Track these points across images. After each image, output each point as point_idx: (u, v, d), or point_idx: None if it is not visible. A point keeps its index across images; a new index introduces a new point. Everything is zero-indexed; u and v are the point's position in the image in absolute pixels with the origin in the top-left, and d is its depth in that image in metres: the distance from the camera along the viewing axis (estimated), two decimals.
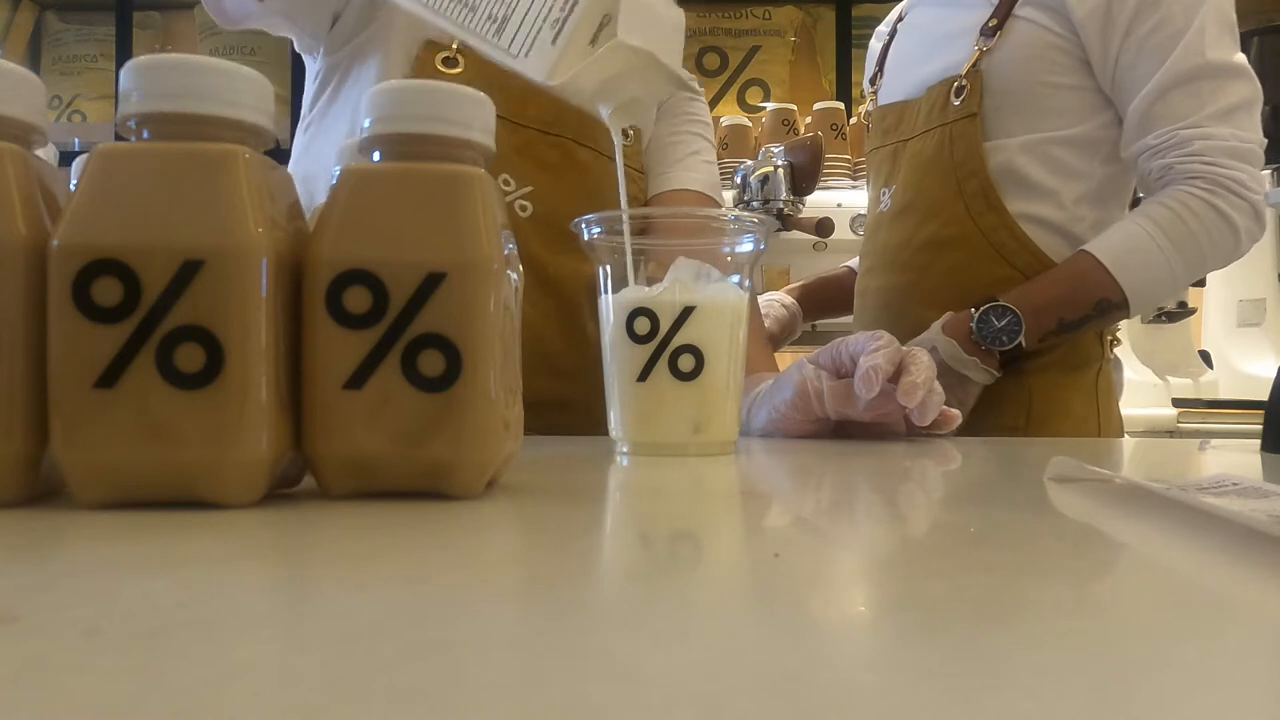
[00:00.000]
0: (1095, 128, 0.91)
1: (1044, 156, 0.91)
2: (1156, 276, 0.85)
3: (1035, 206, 0.91)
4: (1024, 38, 0.91)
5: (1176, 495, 0.31)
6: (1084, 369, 0.92)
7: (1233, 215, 0.84)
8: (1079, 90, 0.90)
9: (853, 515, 0.35)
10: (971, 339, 0.84)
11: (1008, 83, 0.92)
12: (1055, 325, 0.85)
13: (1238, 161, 0.84)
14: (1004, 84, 0.92)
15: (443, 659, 0.16)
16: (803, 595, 0.21)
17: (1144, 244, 0.85)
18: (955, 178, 0.93)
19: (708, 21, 2.62)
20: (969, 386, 0.85)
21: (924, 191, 0.95)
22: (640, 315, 0.51)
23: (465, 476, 0.32)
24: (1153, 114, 0.86)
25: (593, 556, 0.27)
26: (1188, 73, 0.85)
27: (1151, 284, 0.86)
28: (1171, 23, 0.86)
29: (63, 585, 0.21)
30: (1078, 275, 0.86)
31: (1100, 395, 0.93)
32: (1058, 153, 0.91)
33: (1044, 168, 0.91)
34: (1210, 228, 0.84)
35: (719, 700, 0.14)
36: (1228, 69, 0.86)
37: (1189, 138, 0.85)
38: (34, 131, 0.32)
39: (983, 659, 0.16)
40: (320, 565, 0.24)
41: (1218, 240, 0.85)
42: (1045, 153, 0.91)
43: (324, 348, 0.31)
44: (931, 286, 0.93)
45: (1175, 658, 0.17)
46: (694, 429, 0.51)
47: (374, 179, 0.33)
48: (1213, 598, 0.23)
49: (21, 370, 0.29)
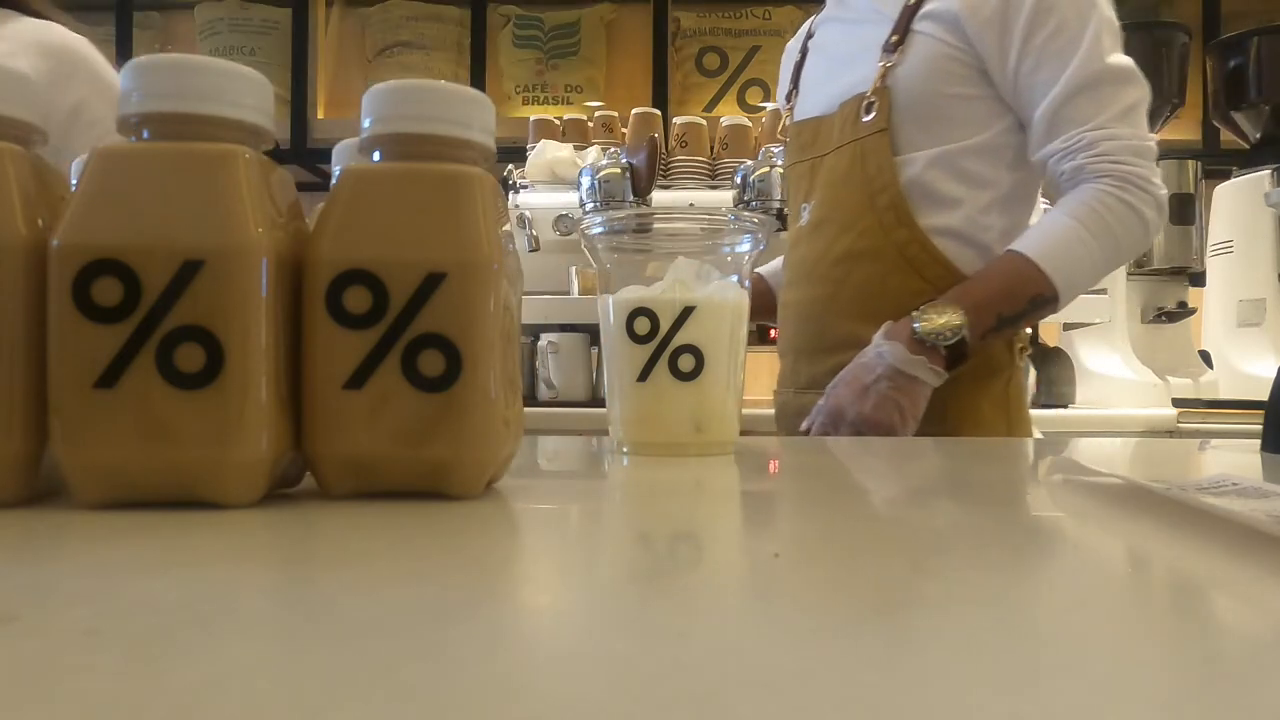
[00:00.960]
0: (998, 134, 0.94)
1: (952, 168, 0.95)
2: (1082, 269, 0.89)
3: (945, 218, 0.94)
4: (924, 52, 0.95)
5: (1176, 495, 0.31)
6: (993, 377, 0.95)
7: (1141, 209, 0.89)
8: (979, 99, 0.94)
9: (853, 515, 0.35)
10: (915, 339, 0.86)
11: (912, 97, 0.95)
12: (994, 321, 0.88)
13: (1140, 159, 0.89)
14: (909, 98, 0.95)
15: (443, 659, 0.16)
16: (803, 595, 0.21)
17: (1069, 240, 0.88)
18: (868, 192, 0.96)
19: (708, 21, 2.62)
20: (919, 388, 0.87)
21: (839, 206, 0.98)
22: (640, 315, 0.51)
23: (465, 476, 0.32)
24: (1059, 118, 0.90)
25: (593, 556, 0.27)
26: (1090, 77, 0.89)
27: (1078, 277, 0.90)
28: (1068, 29, 0.90)
29: (63, 585, 0.21)
30: (1011, 273, 0.89)
31: (1011, 402, 0.96)
32: (965, 163, 0.94)
33: (953, 179, 0.95)
34: (1124, 221, 0.88)
35: (719, 700, 0.14)
36: (1124, 73, 0.90)
37: (1096, 139, 0.89)
38: (34, 131, 0.32)
39: (983, 659, 0.16)
40: (320, 565, 0.24)
41: (1131, 232, 0.89)
42: (953, 164, 0.95)
43: (324, 348, 0.31)
44: (848, 298, 0.97)
45: (1175, 658, 0.17)
46: (694, 429, 0.51)
47: (374, 179, 0.33)
48: (1213, 598, 0.23)
49: (21, 370, 0.29)
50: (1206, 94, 2.04)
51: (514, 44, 2.69)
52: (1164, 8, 2.55)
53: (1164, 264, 1.70)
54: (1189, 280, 1.77)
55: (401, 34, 2.67)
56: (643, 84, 2.60)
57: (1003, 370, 0.95)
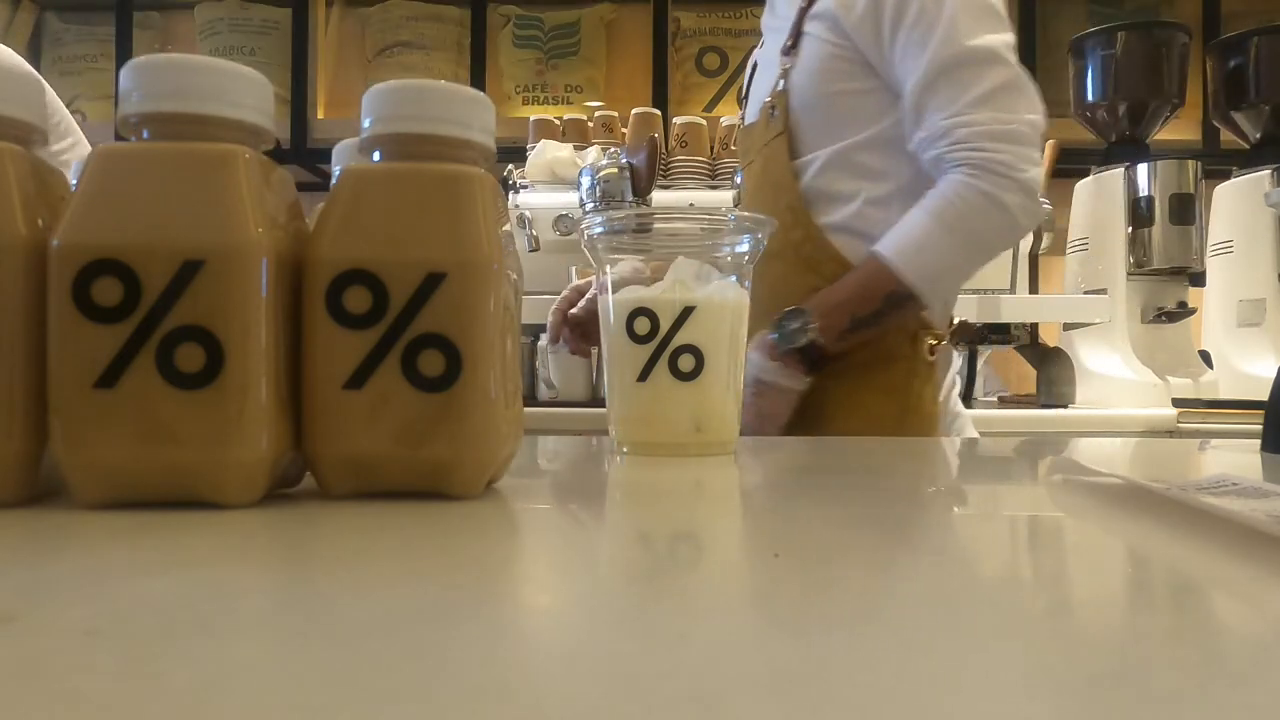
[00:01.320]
0: (891, 125, 0.93)
1: (848, 165, 0.95)
2: (939, 264, 0.88)
3: (840, 214, 0.95)
4: (813, 52, 0.95)
5: (1176, 495, 0.31)
6: (884, 369, 0.94)
7: (1000, 196, 0.86)
8: (870, 93, 0.93)
9: (853, 515, 0.35)
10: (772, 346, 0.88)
11: (806, 99, 0.96)
12: (848, 322, 0.88)
13: (999, 143, 0.86)
14: (803, 100, 0.96)
15: (443, 659, 0.16)
16: (803, 595, 0.21)
17: (920, 234, 0.88)
18: (775, 195, 0.98)
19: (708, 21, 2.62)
20: (778, 394, 0.89)
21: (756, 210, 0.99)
22: (640, 315, 0.51)
23: (465, 476, 0.32)
24: (922, 106, 0.89)
25: (593, 556, 0.27)
26: (946, 61, 0.87)
27: (935, 272, 0.88)
28: (926, 14, 0.88)
29: (63, 585, 0.21)
30: (866, 273, 0.90)
31: (913, 396, 0.95)
32: (861, 158, 0.94)
33: (850, 176, 0.95)
34: (981, 210, 0.86)
35: (719, 700, 0.14)
36: (984, 54, 0.87)
37: (950, 126, 0.87)
38: (34, 131, 0.32)
39: (983, 659, 0.16)
40: (320, 565, 0.24)
41: (992, 222, 0.87)
42: (849, 160, 0.95)
43: (324, 348, 0.31)
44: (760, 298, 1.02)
45: (1175, 658, 0.17)
46: (694, 429, 0.51)
47: (374, 179, 0.33)
48: (1213, 598, 0.23)
49: (21, 370, 0.29)
50: (1206, 94, 2.04)
51: (514, 44, 2.68)
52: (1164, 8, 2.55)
53: (1164, 264, 1.70)
54: (1189, 280, 1.76)
55: (401, 34, 2.67)
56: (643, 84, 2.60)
57: (897, 362, 0.94)
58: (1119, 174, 1.74)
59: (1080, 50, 1.82)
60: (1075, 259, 1.87)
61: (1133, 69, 1.78)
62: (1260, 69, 1.75)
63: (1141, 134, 1.82)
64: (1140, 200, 1.71)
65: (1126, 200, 1.73)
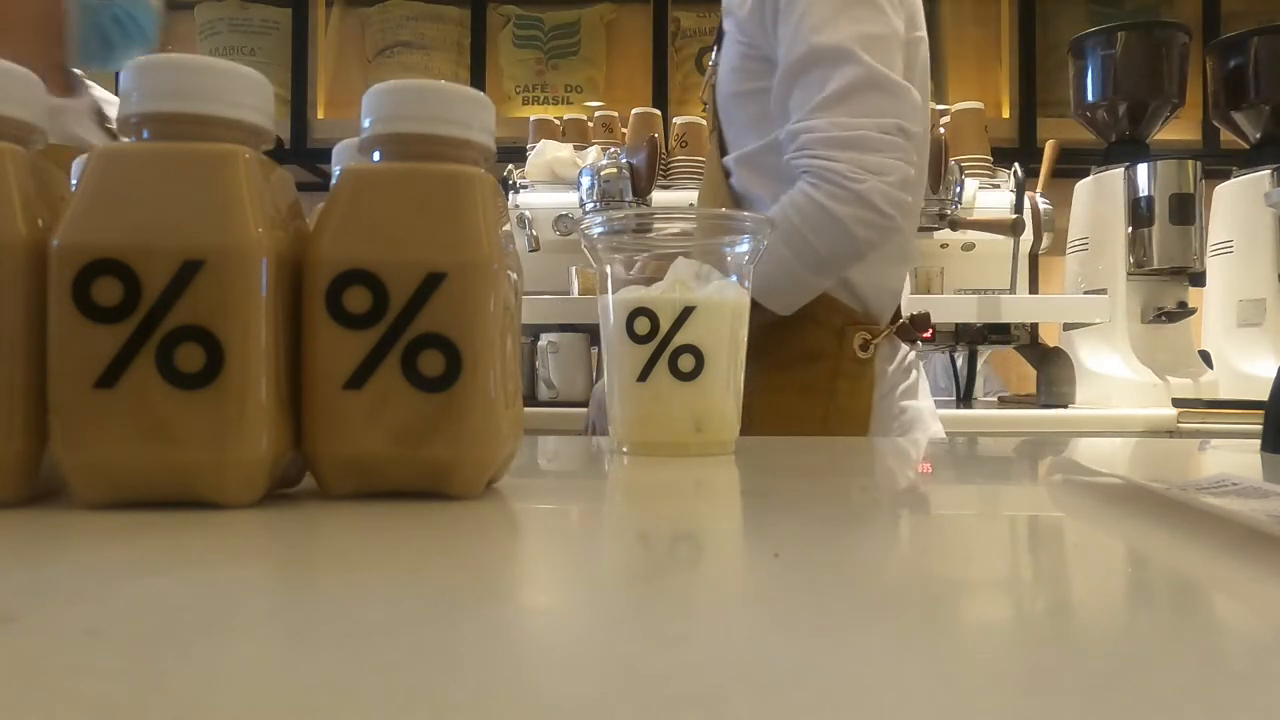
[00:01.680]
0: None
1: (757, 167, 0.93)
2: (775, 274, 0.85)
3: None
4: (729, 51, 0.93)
5: (1176, 495, 0.31)
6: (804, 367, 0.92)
7: (831, 206, 0.81)
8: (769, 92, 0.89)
9: (854, 514, 0.35)
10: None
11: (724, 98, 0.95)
12: None
13: (837, 150, 0.81)
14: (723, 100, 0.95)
15: (443, 659, 0.16)
16: (803, 595, 0.21)
17: None
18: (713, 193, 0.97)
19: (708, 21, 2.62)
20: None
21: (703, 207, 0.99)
22: (640, 315, 0.51)
23: (465, 476, 0.32)
24: (783, 110, 0.86)
25: (593, 556, 0.27)
26: (798, 62, 0.84)
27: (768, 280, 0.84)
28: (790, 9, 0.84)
29: (63, 585, 0.21)
30: None
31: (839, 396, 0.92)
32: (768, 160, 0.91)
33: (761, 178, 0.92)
34: (811, 221, 0.83)
35: (719, 700, 0.14)
36: (832, 53, 0.82)
37: (794, 133, 0.84)
38: (34, 131, 0.32)
39: (983, 659, 0.16)
40: (320, 565, 0.24)
41: (823, 232, 0.83)
42: (757, 163, 0.93)
43: (324, 348, 0.31)
44: None
45: (1175, 658, 0.17)
46: (694, 429, 0.51)
47: (374, 179, 0.33)
48: (1213, 598, 0.23)
49: (21, 370, 0.29)
50: (1206, 94, 2.04)
51: (514, 44, 2.68)
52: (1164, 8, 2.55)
53: (1164, 264, 1.70)
54: (1189, 280, 1.76)
55: (401, 34, 2.67)
56: (643, 84, 2.60)
57: (820, 360, 0.92)
58: (1119, 174, 1.74)
59: (1080, 50, 1.82)
60: (1075, 259, 1.87)
61: (1133, 69, 1.78)
62: (1260, 69, 1.75)
63: (1141, 134, 1.82)
64: (1140, 200, 1.71)
65: (1126, 200, 1.73)
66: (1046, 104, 2.56)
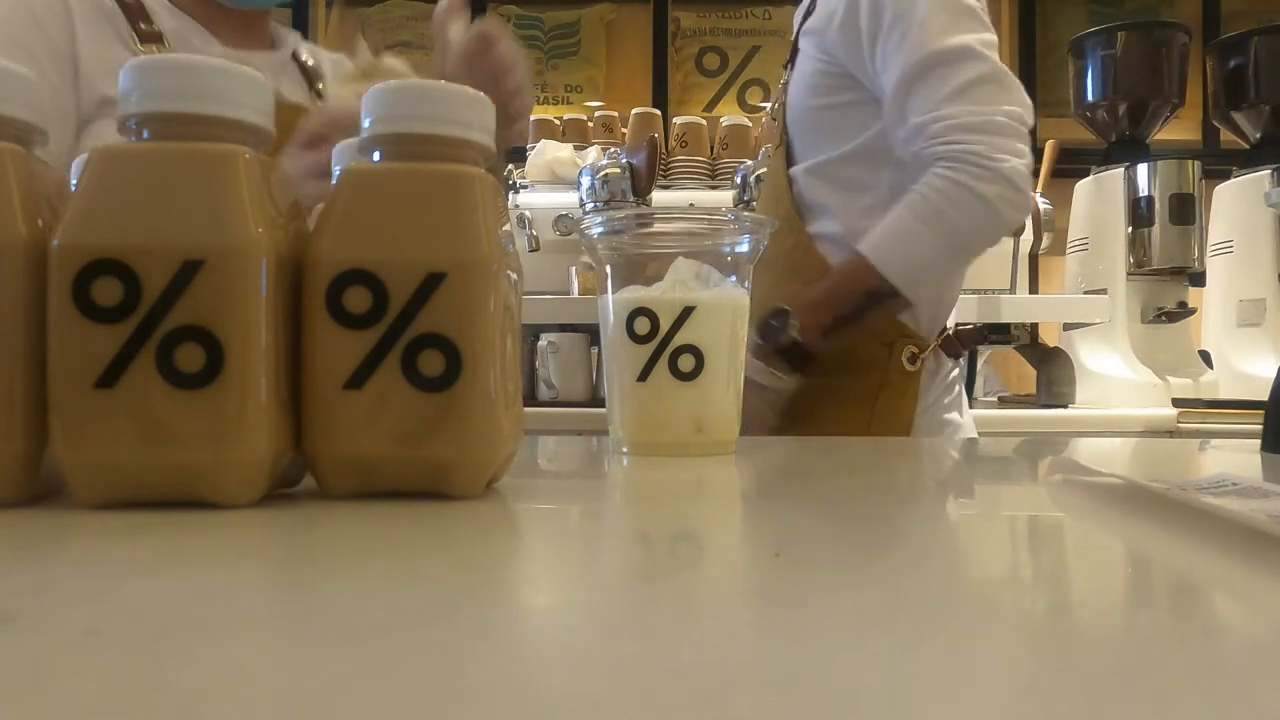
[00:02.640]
0: (873, 137, 0.95)
1: (828, 177, 0.97)
2: (918, 259, 0.88)
3: (828, 224, 0.97)
4: (802, 67, 0.99)
5: (1176, 495, 0.31)
6: (853, 376, 0.95)
7: (977, 186, 0.86)
8: (851, 106, 0.95)
9: (854, 514, 0.35)
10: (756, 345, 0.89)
11: (797, 112, 0.99)
12: (831, 319, 0.89)
13: (974, 134, 0.86)
14: (795, 114, 1.00)
15: (443, 659, 0.16)
16: (803, 595, 0.21)
17: (898, 229, 0.88)
18: (774, 202, 1.01)
19: (708, 21, 2.62)
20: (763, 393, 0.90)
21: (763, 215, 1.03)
22: (640, 315, 0.51)
23: (465, 476, 0.32)
24: (902, 109, 0.90)
25: (593, 556, 0.27)
26: (920, 64, 0.88)
27: (914, 268, 0.88)
28: (901, 20, 0.89)
29: (63, 585, 0.21)
30: (846, 271, 0.91)
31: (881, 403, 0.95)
32: (841, 171, 0.96)
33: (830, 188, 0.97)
34: (957, 203, 0.86)
35: (719, 700, 0.14)
36: (957, 53, 0.88)
37: (925, 123, 0.88)
38: (34, 131, 0.32)
39: (983, 659, 0.16)
40: (320, 565, 0.24)
41: (970, 214, 0.86)
42: (829, 173, 0.97)
43: (324, 348, 0.31)
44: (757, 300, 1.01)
45: (1175, 658, 0.17)
46: (694, 429, 0.51)
47: (374, 179, 0.33)
48: (1213, 598, 0.23)
49: (21, 370, 0.29)
50: (1206, 94, 2.04)
51: None
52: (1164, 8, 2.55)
53: (1164, 264, 1.70)
54: (1189, 280, 1.76)
55: (401, 34, 2.67)
56: (643, 84, 2.60)
57: (871, 369, 0.95)
58: (1119, 174, 1.74)
59: (1080, 50, 1.82)
60: (1075, 259, 1.87)
61: (1133, 69, 1.78)
62: (1260, 69, 1.76)
63: (1141, 134, 1.82)
64: (1140, 200, 1.71)
65: (1126, 200, 1.73)
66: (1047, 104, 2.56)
